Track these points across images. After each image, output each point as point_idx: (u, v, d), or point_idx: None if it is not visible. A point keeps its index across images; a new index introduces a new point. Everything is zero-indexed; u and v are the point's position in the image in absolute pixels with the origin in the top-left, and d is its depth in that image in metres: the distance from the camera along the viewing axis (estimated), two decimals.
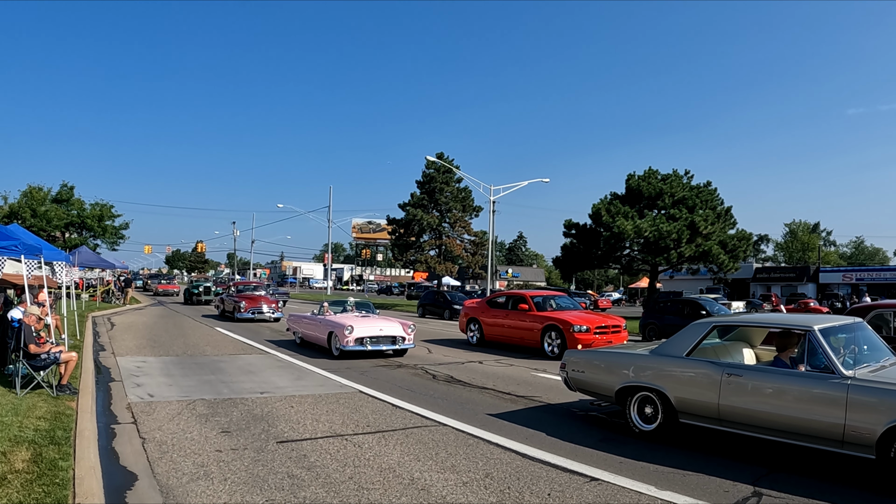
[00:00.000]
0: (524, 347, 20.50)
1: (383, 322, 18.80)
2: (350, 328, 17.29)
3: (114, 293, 46.30)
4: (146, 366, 15.51)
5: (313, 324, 19.61)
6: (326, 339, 18.23)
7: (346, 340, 17.16)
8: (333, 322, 18.21)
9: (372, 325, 18.09)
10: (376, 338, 17.74)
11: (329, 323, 18.39)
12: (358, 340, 17.34)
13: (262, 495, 6.35)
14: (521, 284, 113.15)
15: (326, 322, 18.62)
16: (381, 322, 18.75)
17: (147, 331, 25.00)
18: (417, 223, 56.69)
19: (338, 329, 17.57)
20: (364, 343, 17.44)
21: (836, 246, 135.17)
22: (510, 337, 21.14)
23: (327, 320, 18.75)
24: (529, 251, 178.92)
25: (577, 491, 6.69)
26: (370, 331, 17.75)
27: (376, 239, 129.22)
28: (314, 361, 16.79)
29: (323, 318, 19.32)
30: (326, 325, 18.45)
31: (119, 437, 8.73)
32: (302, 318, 20.95)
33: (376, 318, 19.41)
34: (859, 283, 74.37)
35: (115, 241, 63.85)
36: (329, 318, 19.05)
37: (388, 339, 17.98)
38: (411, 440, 8.76)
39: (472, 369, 16.21)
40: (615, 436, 9.18)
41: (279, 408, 10.80)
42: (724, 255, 41.00)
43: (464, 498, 6.41)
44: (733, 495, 6.64)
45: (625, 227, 39.56)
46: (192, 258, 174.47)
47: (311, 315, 20.55)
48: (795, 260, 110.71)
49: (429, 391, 12.88)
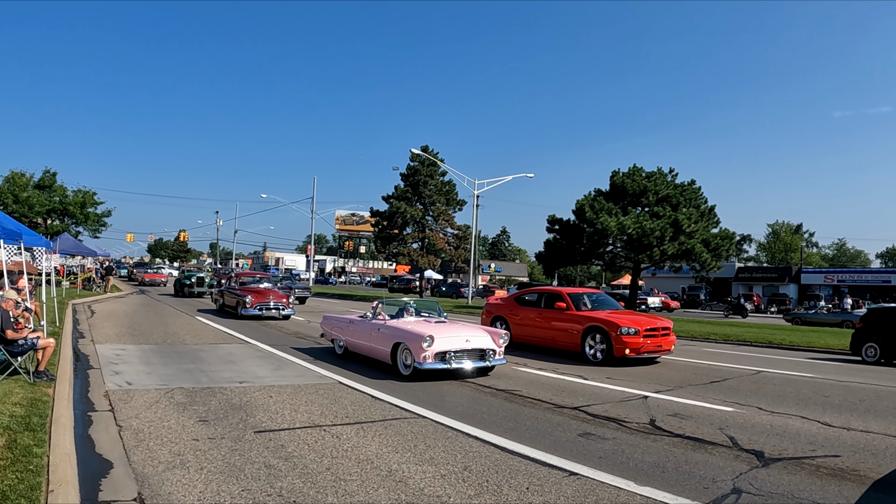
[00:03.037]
0: (559, 350, 18.37)
1: (468, 330, 14.51)
2: (429, 339, 12.86)
3: (95, 281, 46.07)
4: (125, 354, 15.46)
5: (366, 331, 15.26)
6: (390, 353, 13.93)
7: (424, 356, 12.83)
8: (403, 330, 13.82)
9: (456, 335, 13.68)
10: (462, 352, 13.42)
11: (395, 331, 14.03)
12: (439, 356, 13.04)
13: (238, 485, 6.32)
14: (504, 279, 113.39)
15: (390, 330, 14.26)
16: (464, 330, 14.46)
17: (127, 319, 24.93)
18: (401, 216, 56.59)
19: (411, 340, 13.26)
20: (447, 359, 13.11)
21: (819, 247, 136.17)
22: (543, 338, 19.00)
23: (390, 327, 14.35)
24: (513, 246, 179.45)
25: (556, 485, 6.68)
26: (454, 342, 13.39)
27: (359, 231, 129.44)
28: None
29: (381, 323, 14.85)
30: (390, 333, 14.13)
31: (96, 424, 8.68)
32: (346, 323, 16.59)
33: (457, 325, 15.13)
34: (840, 284, 75.08)
35: (97, 228, 63.50)
36: (392, 323, 14.59)
37: (476, 354, 13.68)
38: (390, 432, 8.75)
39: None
40: (595, 431, 9.18)
41: (258, 397, 10.77)
42: (706, 254, 41.08)
43: (441, 490, 6.40)
44: (712, 492, 6.63)
45: (608, 224, 39.58)
46: (174, 247, 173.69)
47: (362, 319, 15.94)
48: (778, 260, 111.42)
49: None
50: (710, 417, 10.39)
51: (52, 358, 12.03)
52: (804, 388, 13.74)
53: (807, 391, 13.39)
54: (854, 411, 11.28)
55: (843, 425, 10.07)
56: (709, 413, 10.75)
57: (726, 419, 10.27)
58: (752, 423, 9.92)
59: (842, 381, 15.02)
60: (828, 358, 20.86)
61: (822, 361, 19.63)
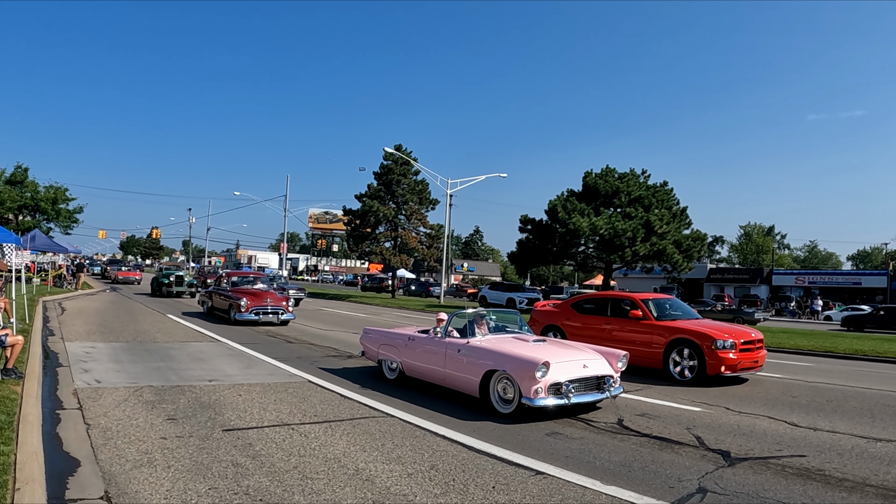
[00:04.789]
0: (634, 367, 14.40)
1: (578, 351, 11.20)
2: (544, 367, 9.65)
3: (66, 278, 45.71)
4: (95, 351, 15.36)
5: (437, 352, 11.86)
6: (479, 385, 10.57)
7: (536, 388, 9.62)
8: (502, 354, 10.47)
9: (571, 360, 10.52)
10: (580, 381, 10.23)
11: (488, 355, 10.66)
12: (553, 388, 9.82)
13: (205, 483, 6.33)
14: (477, 279, 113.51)
15: (478, 353, 10.89)
16: (574, 351, 11.18)
17: (98, 316, 24.78)
18: (374, 214, 56.41)
19: (516, 367, 9.98)
20: (563, 392, 9.84)
21: (790, 249, 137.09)
22: None
23: (480, 349, 10.93)
24: (486, 245, 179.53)
25: (522, 484, 6.73)
26: (571, 369, 10.23)
27: (332, 229, 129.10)
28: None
29: (462, 343, 11.40)
30: (480, 357, 10.78)
31: (64, 422, 8.64)
32: (402, 340, 13.07)
33: (561, 345, 11.92)
34: (812, 286, 75.81)
35: (69, 225, 62.81)
36: (481, 343, 11.15)
37: (595, 383, 10.50)
38: (358, 431, 8.77)
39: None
40: (563, 431, 9.24)
41: (227, 396, 10.76)
42: (678, 255, 41.39)
43: (408, 489, 6.43)
44: (678, 491, 6.70)
45: (580, 225, 39.81)
46: (146, 244, 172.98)
47: (426, 336, 12.51)
48: (749, 262, 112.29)
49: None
50: (678, 417, 10.50)
51: (20, 355, 11.93)
52: (773, 389, 13.84)
53: (775, 392, 13.48)
54: (821, 412, 11.38)
55: (810, 425, 10.17)
56: (676, 413, 10.85)
57: (694, 419, 10.36)
58: (720, 423, 10.00)
59: (809, 382, 15.13)
60: (797, 360, 20.97)
61: (790, 363, 19.73)
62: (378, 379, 13.18)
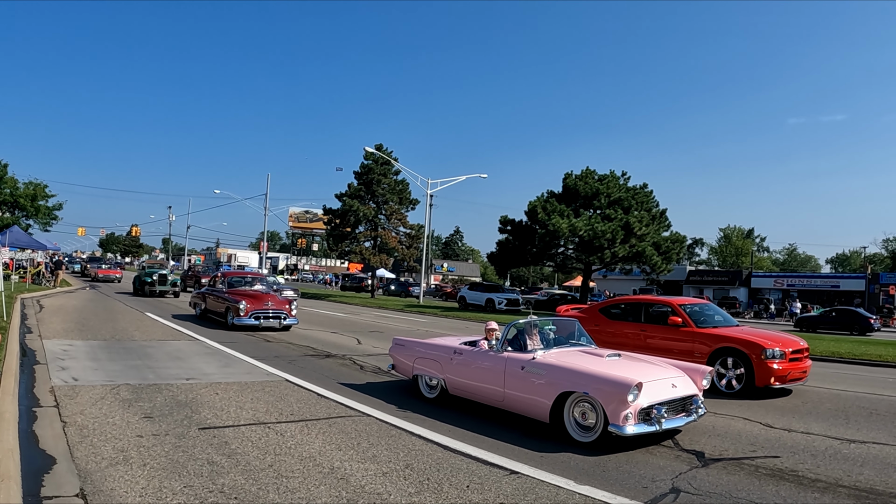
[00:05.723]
0: None
1: (664, 369, 9.66)
2: (636, 390, 8.18)
3: (44, 275, 45.44)
4: (73, 349, 15.29)
5: (493, 369, 10.06)
6: (550, 409, 8.98)
7: (626, 414, 8.16)
8: (582, 373, 8.86)
9: (659, 378, 9.07)
10: (669, 404, 8.81)
11: (564, 374, 9.03)
12: (643, 413, 8.36)
13: (180, 481, 6.36)
14: (457, 279, 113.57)
15: (551, 371, 9.21)
16: (661, 369, 9.61)
17: (76, 314, 24.61)
18: (353, 214, 56.35)
19: (601, 388, 8.43)
20: (654, 418, 8.39)
21: (770, 252, 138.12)
22: None
23: (553, 366, 9.28)
24: (466, 246, 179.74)
25: (497, 483, 6.78)
26: (661, 389, 8.83)
27: (313, 229, 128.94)
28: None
29: (526, 359, 9.66)
30: (553, 376, 9.12)
31: (40, 420, 8.62)
32: (446, 353, 11.18)
33: (640, 361, 10.13)
34: (790, 288, 76.37)
35: (48, 221, 62.62)
36: (555, 360, 9.48)
37: (681, 405, 9.10)
38: (334, 430, 8.81)
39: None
40: (537, 431, 9.27)
41: (204, 394, 10.76)
42: (657, 257, 41.63)
43: (382, 488, 6.48)
44: (651, 491, 6.76)
45: (560, 226, 39.96)
46: (126, 242, 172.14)
47: (481, 350, 10.64)
48: (729, 264, 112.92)
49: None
50: None
51: None
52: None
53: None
54: (796, 413, 11.49)
55: (785, 427, 10.28)
56: None
57: None
58: (695, 424, 10.02)
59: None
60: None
61: None
62: (354, 378, 13.22)
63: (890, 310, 61.61)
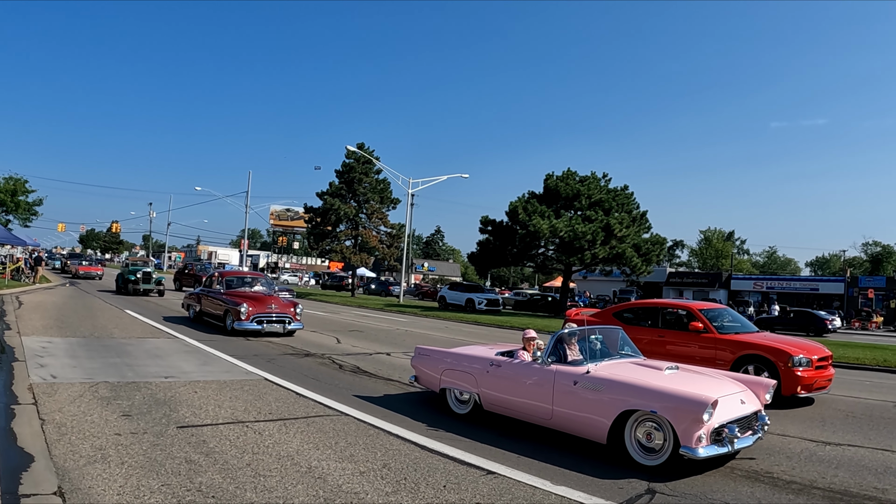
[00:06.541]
0: None
1: (728, 383, 8.89)
2: (711, 409, 7.37)
3: (24, 271, 45.16)
4: (52, 346, 15.24)
5: (541, 383, 9.04)
6: (609, 429, 8.07)
7: (699, 435, 7.34)
8: (649, 390, 7.97)
9: (728, 394, 8.26)
10: (739, 422, 8.01)
11: (625, 390, 8.14)
12: (715, 434, 7.56)
13: (158, 479, 6.39)
14: (437, 278, 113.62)
15: (609, 387, 8.28)
16: (728, 384, 8.84)
17: (56, 311, 24.49)
18: (334, 213, 56.32)
19: (672, 407, 7.59)
20: (725, 438, 7.57)
21: (750, 254, 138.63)
22: None
23: (611, 381, 8.35)
24: (446, 246, 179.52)
25: (473, 483, 6.83)
26: (731, 407, 8.06)
27: (294, 227, 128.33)
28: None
29: (579, 373, 8.68)
30: (611, 393, 8.20)
31: (18, 417, 8.61)
32: (481, 366, 10.06)
33: (705, 375, 9.26)
34: (770, 291, 76.81)
35: (28, 217, 62.21)
36: (615, 376, 8.50)
37: (748, 423, 8.31)
38: (312, 429, 8.84)
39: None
40: (515, 432, 9.33)
41: (183, 393, 10.76)
42: (637, 258, 41.82)
43: (359, 487, 6.52)
44: (627, 492, 6.83)
45: (540, 226, 40.07)
46: (106, 238, 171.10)
47: (523, 362, 9.61)
48: (709, 266, 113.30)
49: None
50: None
51: None
52: None
53: None
54: (773, 416, 11.53)
55: None
56: None
57: None
58: None
59: None
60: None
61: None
62: (333, 377, 13.27)
63: (868, 313, 62.30)
